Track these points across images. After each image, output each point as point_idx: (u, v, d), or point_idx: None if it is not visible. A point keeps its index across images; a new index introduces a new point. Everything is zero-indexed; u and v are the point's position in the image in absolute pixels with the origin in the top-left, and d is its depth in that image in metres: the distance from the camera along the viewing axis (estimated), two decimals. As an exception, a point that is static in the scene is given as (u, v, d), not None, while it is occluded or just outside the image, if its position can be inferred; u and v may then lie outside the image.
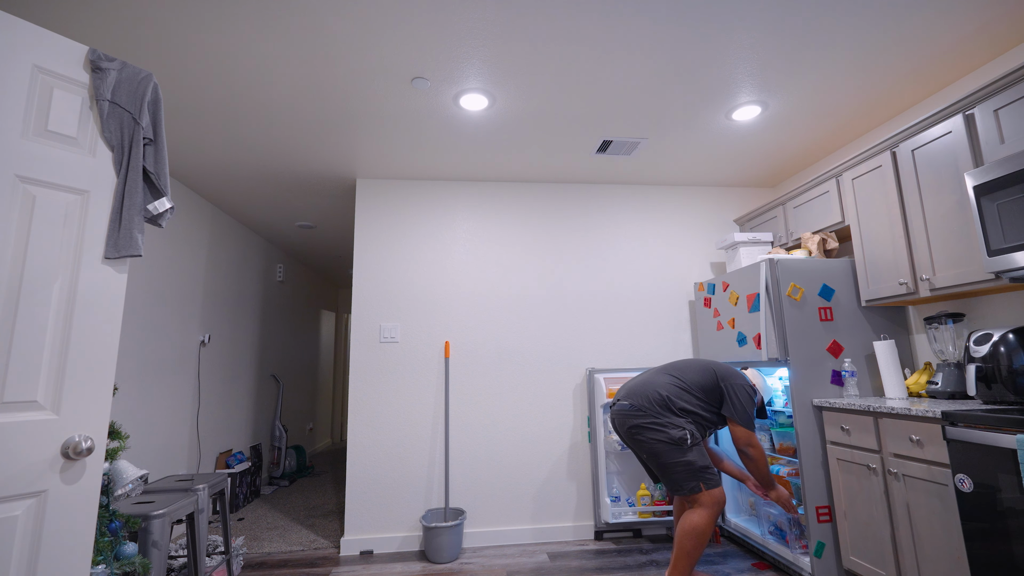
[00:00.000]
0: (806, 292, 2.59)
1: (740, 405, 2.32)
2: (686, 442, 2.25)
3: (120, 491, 1.62)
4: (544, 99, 2.50)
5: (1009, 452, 1.59)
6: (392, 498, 3.12)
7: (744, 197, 3.79)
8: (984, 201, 1.85)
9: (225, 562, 2.45)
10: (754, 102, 2.57)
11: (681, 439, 2.25)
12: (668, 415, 2.30)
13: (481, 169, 3.35)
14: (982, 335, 2.04)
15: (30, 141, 1.18)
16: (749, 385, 2.37)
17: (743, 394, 2.33)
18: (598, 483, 3.16)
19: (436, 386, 3.28)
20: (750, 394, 2.35)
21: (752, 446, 2.30)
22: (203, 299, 3.80)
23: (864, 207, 2.54)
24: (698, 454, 2.24)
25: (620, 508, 3.09)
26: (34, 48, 1.20)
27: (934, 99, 2.55)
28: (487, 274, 3.45)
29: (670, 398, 2.34)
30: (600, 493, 3.15)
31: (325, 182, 3.49)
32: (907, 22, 2.01)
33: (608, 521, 3.08)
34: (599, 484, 3.15)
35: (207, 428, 3.81)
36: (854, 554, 2.26)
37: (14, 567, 1.06)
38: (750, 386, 2.37)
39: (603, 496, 3.14)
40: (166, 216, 1.38)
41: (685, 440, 2.25)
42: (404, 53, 2.11)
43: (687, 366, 2.46)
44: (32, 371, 1.13)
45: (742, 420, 2.30)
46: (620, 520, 3.05)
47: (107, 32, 1.92)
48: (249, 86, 2.31)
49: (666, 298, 3.57)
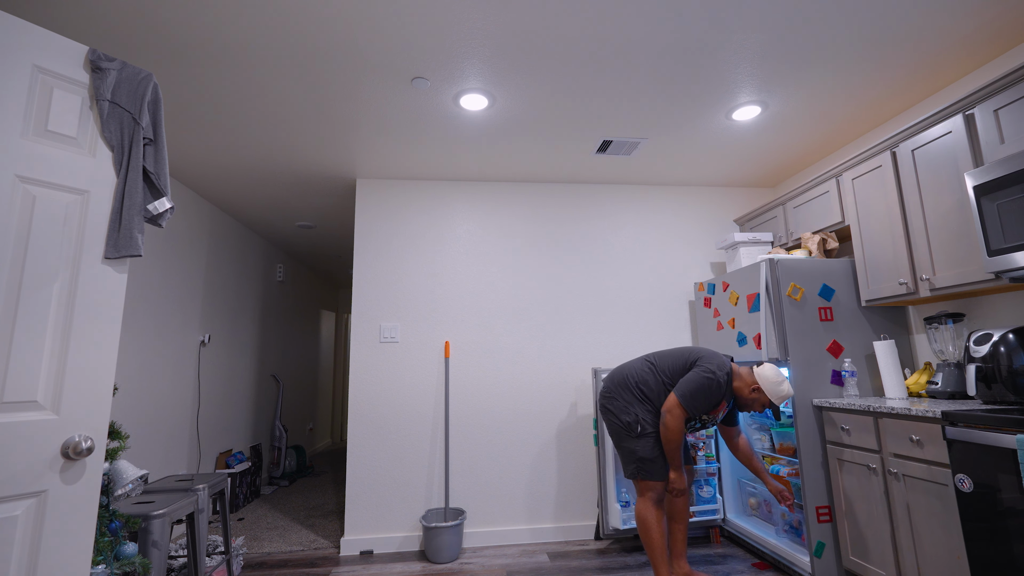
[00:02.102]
0: (806, 292, 2.59)
1: (690, 384, 2.22)
2: (635, 430, 2.27)
3: (120, 491, 1.62)
4: (544, 99, 2.50)
5: (1009, 452, 1.59)
6: (392, 498, 3.12)
7: (744, 197, 3.79)
8: (984, 201, 1.85)
9: (225, 562, 2.45)
10: (754, 102, 2.57)
11: (629, 424, 2.29)
12: (629, 400, 2.34)
13: (481, 169, 3.35)
14: (982, 335, 2.04)
15: (30, 141, 1.18)
16: (721, 375, 2.23)
17: (701, 379, 2.21)
18: (605, 487, 2.96)
19: (436, 386, 3.28)
20: (712, 381, 2.21)
21: (669, 412, 2.20)
22: (203, 299, 3.80)
23: (864, 207, 2.54)
24: (644, 444, 2.26)
25: (629, 513, 2.95)
26: (34, 48, 1.20)
27: (934, 99, 2.55)
28: (487, 274, 3.45)
29: (637, 384, 2.36)
30: (608, 498, 2.95)
31: (325, 182, 3.49)
32: (907, 22, 2.01)
33: (618, 527, 2.91)
34: (607, 488, 2.96)
35: (207, 428, 3.81)
36: (854, 554, 2.26)
37: (14, 567, 1.06)
38: (722, 376, 2.23)
39: (611, 501, 2.95)
40: (166, 216, 1.38)
41: (634, 427, 2.28)
42: (404, 53, 2.11)
43: (670, 353, 2.43)
44: (32, 371, 1.13)
45: (680, 392, 2.21)
46: (630, 526, 2.91)
47: (107, 32, 1.92)
48: (249, 86, 2.31)
49: (666, 298, 3.57)
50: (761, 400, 2.27)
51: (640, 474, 2.26)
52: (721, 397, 2.24)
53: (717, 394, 2.22)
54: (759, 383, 2.25)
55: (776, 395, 2.21)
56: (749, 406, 2.30)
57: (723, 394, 2.24)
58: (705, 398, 2.21)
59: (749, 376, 2.30)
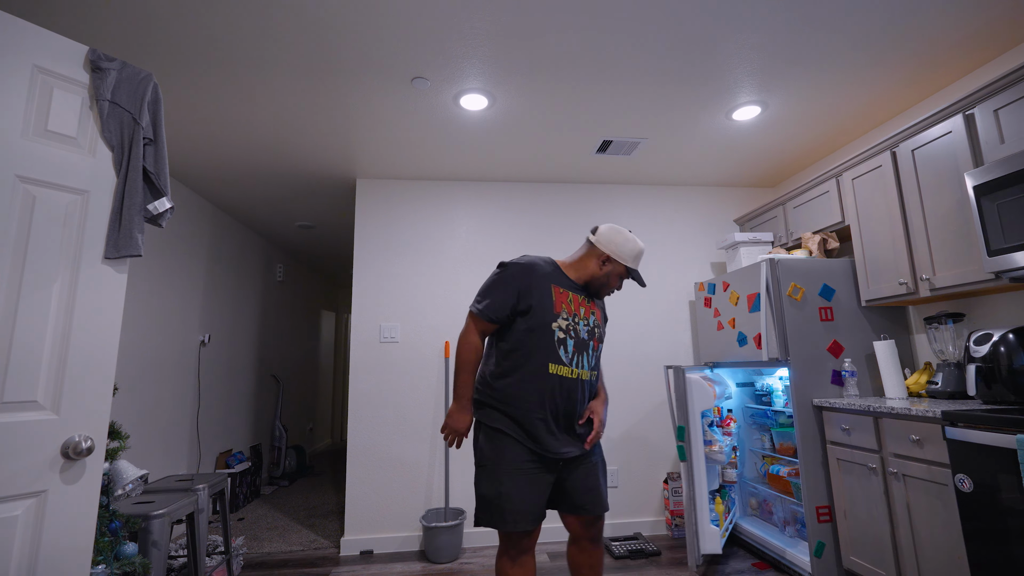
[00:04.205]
0: (806, 292, 2.59)
1: (482, 287, 1.72)
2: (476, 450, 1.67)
3: (120, 491, 1.62)
4: (544, 99, 2.50)
5: (1009, 452, 1.59)
6: (392, 498, 3.12)
7: (744, 197, 3.79)
8: (984, 201, 1.85)
9: (225, 562, 2.45)
10: (754, 102, 2.57)
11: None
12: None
13: (481, 169, 3.35)
14: (982, 335, 2.04)
15: (30, 141, 1.18)
16: (512, 262, 1.70)
17: (490, 277, 1.71)
18: (696, 509, 2.48)
19: (436, 386, 3.28)
20: (500, 272, 1.69)
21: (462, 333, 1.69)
22: (203, 299, 3.80)
23: (864, 207, 2.54)
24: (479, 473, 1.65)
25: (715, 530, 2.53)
26: (34, 48, 1.20)
27: (934, 99, 2.54)
28: (488, 273, 3.45)
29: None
30: (700, 520, 2.48)
31: (325, 182, 3.49)
32: (907, 22, 2.01)
33: (717, 552, 2.48)
34: (698, 510, 2.48)
35: (207, 428, 3.81)
36: (854, 554, 2.26)
37: (14, 567, 1.06)
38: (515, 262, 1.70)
39: (704, 524, 2.48)
40: (166, 216, 1.38)
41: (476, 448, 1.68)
42: (404, 53, 2.11)
43: None
44: (32, 371, 1.13)
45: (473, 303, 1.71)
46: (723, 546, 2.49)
47: (107, 32, 1.92)
48: (249, 86, 2.31)
49: (666, 298, 3.56)
50: (616, 271, 1.74)
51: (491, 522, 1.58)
52: (527, 284, 1.65)
53: (515, 282, 1.65)
54: (605, 249, 1.72)
55: (631, 254, 1.72)
56: (607, 285, 1.75)
57: (526, 280, 1.65)
58: (498, 291, 1.65)
59: (589, 250, 1.75)
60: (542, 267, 1.70)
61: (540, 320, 1.63)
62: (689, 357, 3.51)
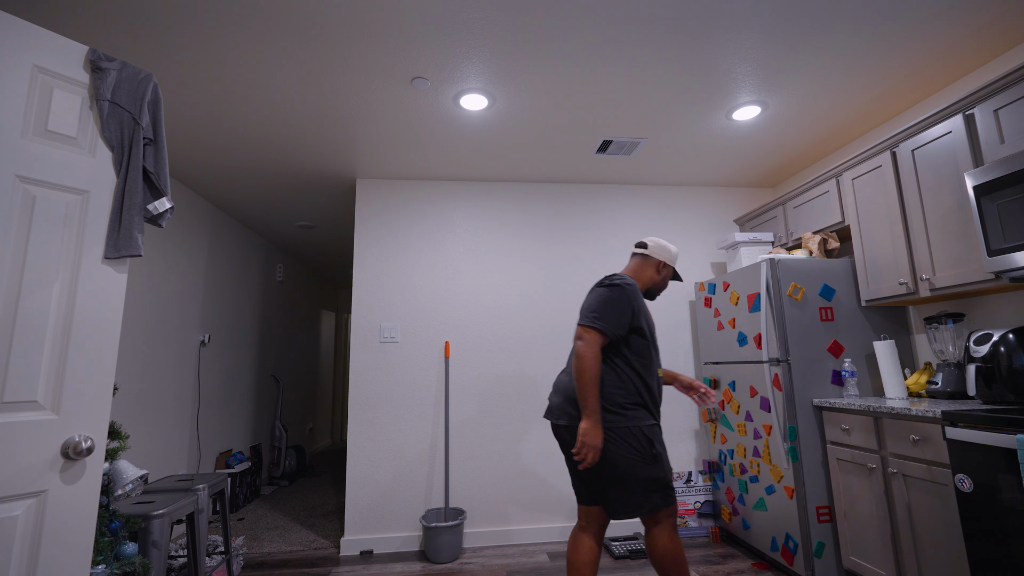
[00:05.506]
0: (807, 292, 2.59)
1: (593, 302, 1.86)
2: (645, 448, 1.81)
3: (120, 491, 1.62)
4: (544, 99, 2.50)
5: (1009, 452, 1.59)
6: (392, 498, 3.12)
7: (744, 197, 3.79)
8: (984, 201, 1.85)
9: (225, 562, 2.45)
10: (754, 102, 2.57)
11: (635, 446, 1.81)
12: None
13: (481, 169, 3.35)
14: (982, 335, 2.04)
15: (30, 141, 1.18)
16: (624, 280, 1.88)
17: (604, 293, 1.86)
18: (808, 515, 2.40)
19: (436, 386, 3.28)
20: (617, 289, 1.85)
21: (580, 339, 1.79)
22: (203, 299, 3.80)
23: (864, 207, 2.54)
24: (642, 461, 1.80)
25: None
26: (34, 48, 1.20)
27: (934, 99, 2.54)
28: (487, 274, 3.45)
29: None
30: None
31: (325, 182, 3.49)
32: (907, 22, 2.01)
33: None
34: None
35: (207, 428, 3.81)
36: (854, 554, 2.26)
37: (14, 567, 1.06)
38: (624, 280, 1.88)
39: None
40: (166, 216, 1.38)
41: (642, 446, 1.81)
42: (404, 53, 2.11)
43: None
44: (32, 371, 1.13)
45: (584, 316, 1.84)
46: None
47: (107, 32, 1.92)
48: (249, 86, 2.31)
49: (667, 298, 3.56)
50: (668, 273, 2.06)
51: (667, 501, 1.78)
52: (638, 303, 1.87)
53: (631, 302, 1.85)
54: (660, 257, 2.03)
55: (676, 256, 2.07)
56: (663, 288, 2.08)
57: (638, 298, 1.88)
58: (617, 309, 1.82)
59: (645, 261, 2.04)
60: (634, 284, 1.92)
61: (651, 332, 1.92)
62: (689, 357, 3.51)
